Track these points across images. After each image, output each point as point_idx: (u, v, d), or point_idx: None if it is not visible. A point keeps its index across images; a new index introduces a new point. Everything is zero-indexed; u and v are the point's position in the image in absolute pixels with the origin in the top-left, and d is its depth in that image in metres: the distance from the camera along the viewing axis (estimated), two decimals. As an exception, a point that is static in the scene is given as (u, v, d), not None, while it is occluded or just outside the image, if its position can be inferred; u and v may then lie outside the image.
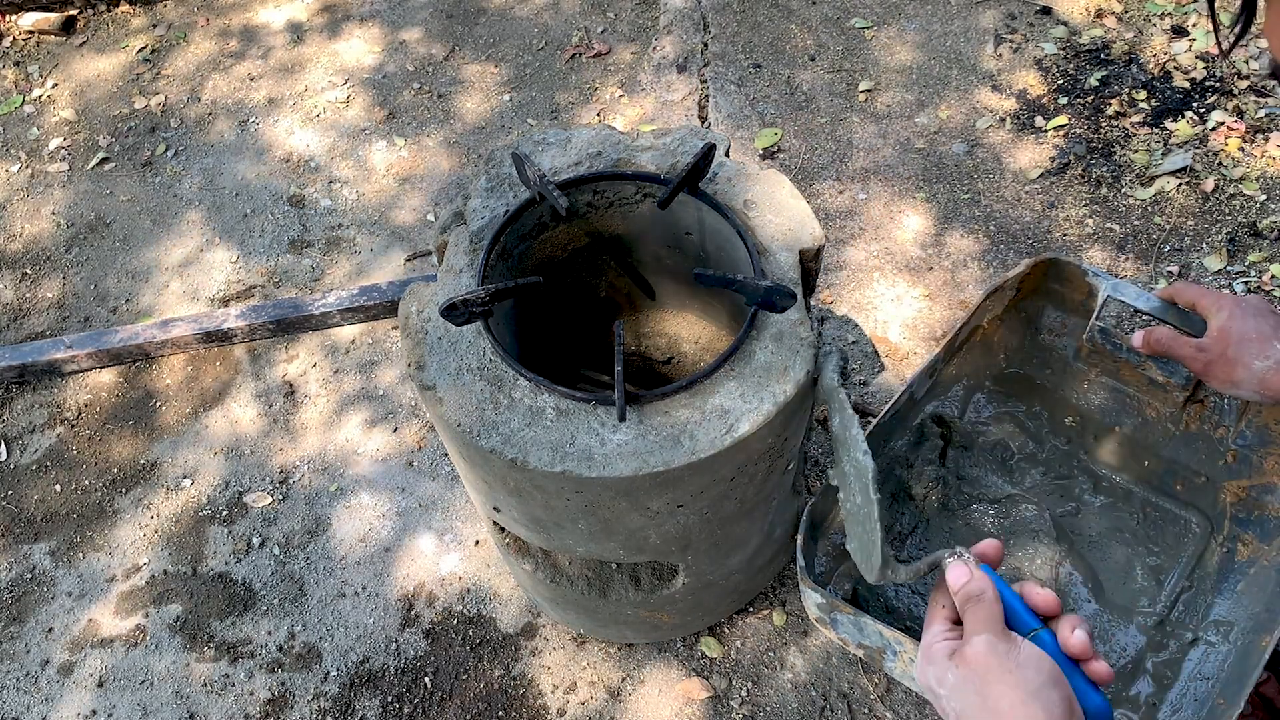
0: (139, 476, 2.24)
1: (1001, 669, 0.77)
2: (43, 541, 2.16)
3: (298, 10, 3.29)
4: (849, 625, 1.09)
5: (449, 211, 1.47)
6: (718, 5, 3.07)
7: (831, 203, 2.54)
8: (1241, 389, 1.09)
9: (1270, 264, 2.25)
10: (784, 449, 1.33)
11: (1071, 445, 1.49)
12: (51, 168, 2.91)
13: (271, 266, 2.60)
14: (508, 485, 1.26)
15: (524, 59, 3.04)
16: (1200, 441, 1.39)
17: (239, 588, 2.04)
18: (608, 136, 1.51)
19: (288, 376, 2.37)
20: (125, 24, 3.31)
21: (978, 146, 2.63)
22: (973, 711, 0.78)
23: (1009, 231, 2.43)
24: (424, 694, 1.87)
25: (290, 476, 2.19)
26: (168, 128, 2.98)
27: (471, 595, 1.98)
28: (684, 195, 1.39)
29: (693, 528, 1.34)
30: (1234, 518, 1.36)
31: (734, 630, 1.89)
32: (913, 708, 1.77)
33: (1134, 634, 1.32)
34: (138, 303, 2.57)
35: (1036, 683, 0.75)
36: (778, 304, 1.21)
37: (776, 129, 2.72)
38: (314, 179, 2.79)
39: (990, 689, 0.77)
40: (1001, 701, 0.75)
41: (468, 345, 1.29)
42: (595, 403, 1.21)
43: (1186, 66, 2.68)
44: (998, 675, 0.77)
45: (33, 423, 2.35)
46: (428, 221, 2.65)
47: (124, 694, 1.93)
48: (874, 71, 2.84)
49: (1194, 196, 2.42)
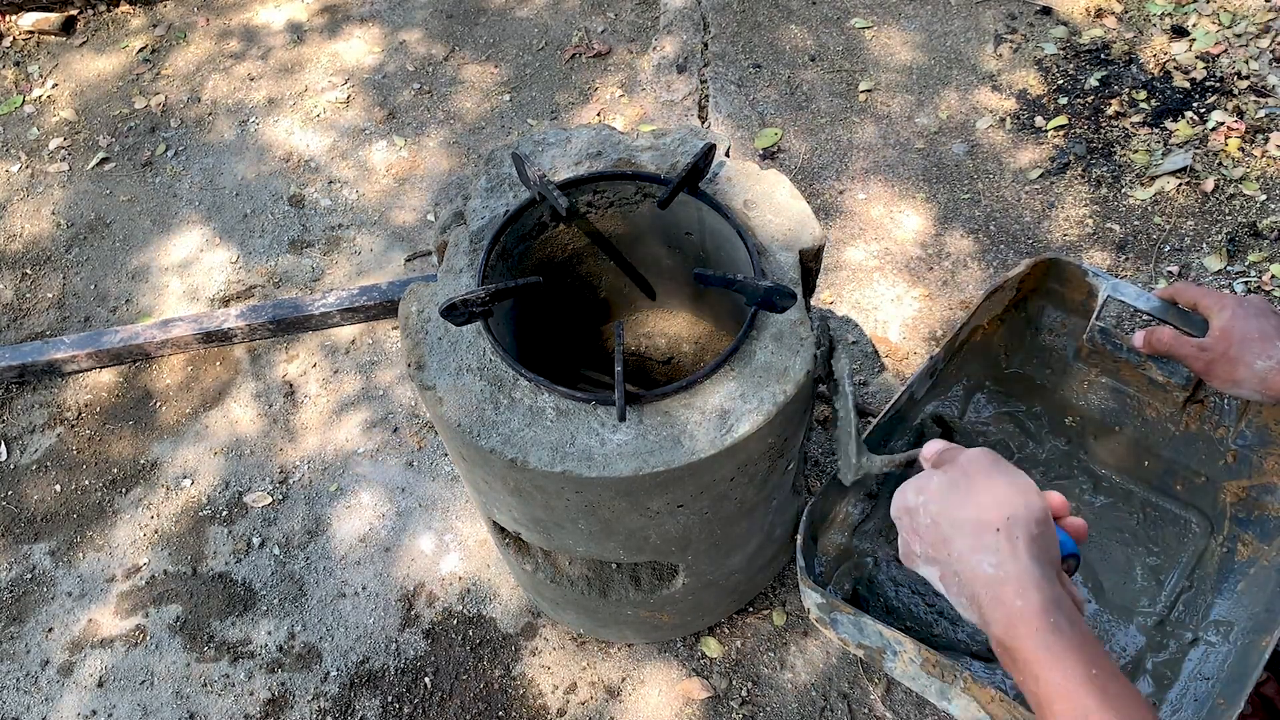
0: (139, 476, 2.24)
1: (990, 470, 0.81)
2: (43, 541, 2.16)
3: (298, 10, 3.29)
4: (849, 625, 1.09)
5: (449, 211, 1.47)
6: (718, 5, 3.07)
7: (831, 203, 2.54)
8: (1243, 388, 1.09)
9: (1270, 264, 2.25)
10: (784, 449, 1.33)
11: (1071, 445, 1.49)
12: (51, 168, 2.91)
13: (271, 267, 2.60)
14: (508, 485, 1.26)
15: (524, 59, 3.04)
16: (1200, 441, 1.39)
17: (239, 588, 2.04)
18: (608, 136, 1.51)
19: (288, 376, 2.37)
20: (125, 24, 3.31)
21: (978, 146, 2.63)
22: (951, 508, 0.80)
23: (1009, 231, 2.43)
24: (424, 694, 1.87)
25: (290, 476, 2.19)
26: (168, 128, 2.98)
27: (471, 595, 1.98)
28: (684, 195, 1.39)
29: (693, 528, 1.34)
30: (1234, 518, 1.36)
31: (734, 630, 1.89)
32: (913, 708, 1.77)
33: (1134, 634, 1.32)
34: (138, 303, 2.57)
35: (1022, 483, 0.79)
36: (778, 304, 1.21)
37: (776, 129, 2.72)
38: (314, 179, 2.79)
39: (976, 484, 0.80)
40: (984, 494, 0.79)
41: (468, 345, 1.29)
42: (595, 403, 1.21)
43: (1186, 66, 2.68)
44: (985, 475, 0.80)
45: (33, 423, 2.35)
46: (428, 221, 2.65)
47: (124, 694, 1.93)
48: (874, 71, 2.84)
49: (1194, 196, 2.42)
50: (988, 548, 0.76)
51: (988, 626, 0.76)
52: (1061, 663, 0.70)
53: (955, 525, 0.79)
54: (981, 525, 0.77)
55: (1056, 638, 0.71)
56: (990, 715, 1.05)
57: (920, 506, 0.83)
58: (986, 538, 0.77)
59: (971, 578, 0.77)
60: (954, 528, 0.79)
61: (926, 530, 0.82)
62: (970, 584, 0.77)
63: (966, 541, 0.78)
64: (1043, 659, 0.71)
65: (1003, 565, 0.75)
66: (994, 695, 1.03)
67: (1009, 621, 0.74)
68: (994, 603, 0.75)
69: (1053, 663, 0.71)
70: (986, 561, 0.76)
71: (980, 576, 0.76)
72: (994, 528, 0.77)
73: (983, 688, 1.04)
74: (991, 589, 0.75)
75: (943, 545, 0.80)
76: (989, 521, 0.77)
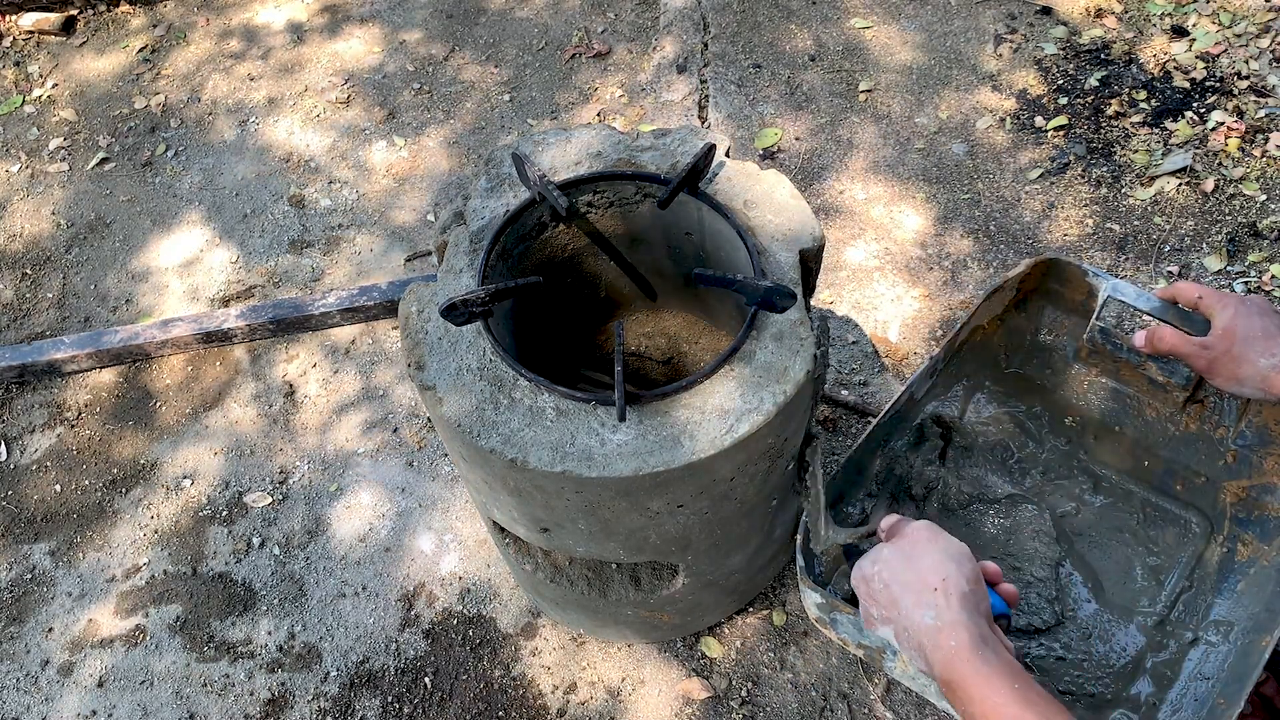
0: (139, 476, 2.24)
1: (930, 541, 0.97)
2: (43, 541, 2.16)
3: (298, 10, 3.29)
4: (849, 625, 1.09)
5: (449, 211, 1.47)
6: (718, 5, 3.07)
7: (831, 203, 2.54)
8: (1245, 386, 1.09)
9: (1270, 264, 2.25)
10: (784, 449, 1.33)
11: (1071, 445, 1.49)
12: (51, 168, 2.91)
13: (271, 267, 2.60)
14: (508, 485, 1.26)
15: (524, 59, 3.04)
16: (1200, 441, 1.39)
17: (239, 588, 2.04)
18: (608, 136, 1.51)
19: (288, 377, 2.37)
20: (125, 24, 3.31)
21: (978, 146, 2.63)
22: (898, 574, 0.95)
23: (1009, 231, 2.43)
24: (424, 694, 1.87)
25: (290, 476, 2.19)
26: (168, 128, 2.98)
27: (471, 595, 1.98)
28: (684, 195, 1.39)
29: (693, 528, 1.34)
30: (1234, 518, 1.36)
31: (734, 630, 1.89)
32: (913, 708, 1.77)
33: (1134, 634, 1.32)
34: (138, 303, 2.57)
35: (956, 550, 0.95)
36: (778, 304, 1.21)
37: (776, 129, 2.72)
38: (314, 179, 2.79)
39: (918, 551, 0.96)
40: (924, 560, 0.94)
41: (468, 345, 1.29)
42: (595, 403, 1.21)
43: (1186, 66, 2.68)
44: (925, 545, 0.96)
45: (33, 423, 2.35)
46: (428, 221, 2.65)
47: (124, 694, 1.93)
48: (874, 71, 2.84)
49: (1194, 196, 2.42)
50: (928, 604, 0.91)
51: (932, 669, 0.90)
52: (990, 683, 0.85)
53: (903, 586, 0.94)
54: (923, 585, 0.92)
55: (985, 665, 0.86)
56: (990, 715, 1.05)
57: (875, 575, 0.98)
58: (926, 595, 0.92)
59: (917, 629, 0.91)
60: (902, 589, 0.94)
61: (880, 594, 0.96)
62: (916, 634, 0.91)
63: (911, 599, 0.93)
64: (975, 682, 0.85)
65: (940, 616, 0.90)
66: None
67: (947, 660, 0.88)
68: (934, 647, 0.89)
69: (983, 683, 0.85)
70: (928, 615, 0.91)
71: (924, 627, 0.90)
72: (932, 587, 0.92)
73: (983, 688, 1.04)
74: (932, 636, 0.90)
75: (893, 606, 0.95)
76: (929, 583, 0.92)
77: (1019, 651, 1.30)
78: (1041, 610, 1.33)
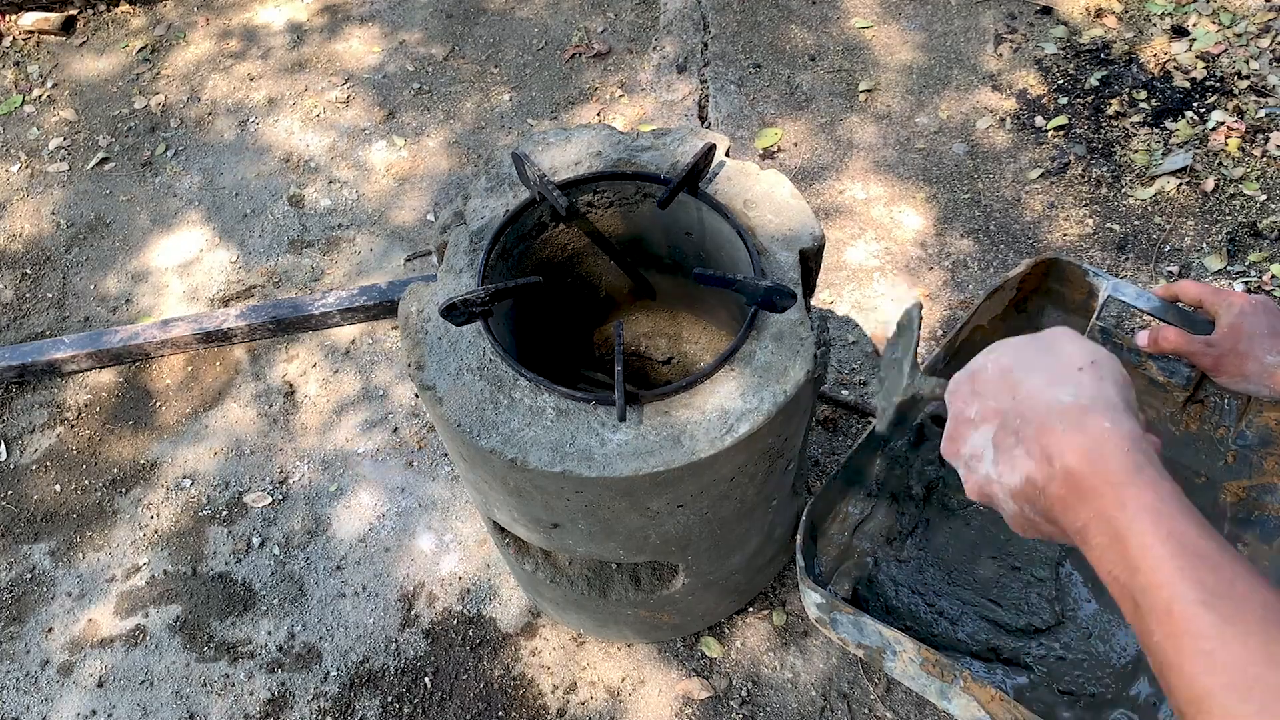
0: (139, 476, 2.24)
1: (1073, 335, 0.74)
2: (43, 541, 2.16)
3: (298, 10, 3.29)
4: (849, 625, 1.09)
5: (449, 211, 1.47)
6: (718, 5, 3.07)
7: (831, 202, 2.54)
8: (1251, 383, 1.09)
9: (1270, 264, 2.25)
10: (784, 449, 1.33)
11: (1071, 445, 1.48)
12: (51, 168, 2.91)
13: (271, 266, 2.60)
14: (507, 485, 1.26)
15: (524, 59, 3.04)
16: (1200, 441, 1.39)
17: (239, 588, 2.04)
18: (608, 136, 1.51)
19: (287, 377, 2.37)
20: (125, 24, 3.31)
21: (978, 146, 2.63)
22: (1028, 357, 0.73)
23: (1009, 231, 2.43)
24: (424, 694, 1.87)
25: (290, 476, 2.19)
26: (168, 128, 2.98)
27: (471, 595, 1.98)
28: (684, 195, 1.39)
29: (693, 528, 1.34)
30: (1234, 518, 1.36)
31: (734, 630, 1.89)
32: (913, 708, 1.77)
33: (1134, 634, 1.32)
34: (138, 303, 2.57)
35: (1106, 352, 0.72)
36: (778, 304, 1.21)
37: (776, 129, 2.72)
38: (314, 179, 2.79)
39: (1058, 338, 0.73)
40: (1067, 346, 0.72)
41: (468, 345, 1.29)
42: (595, 403, 1.21)
43: (1186, 66, 2.68)
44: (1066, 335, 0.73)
45: (33, 423, 2.35)
46: (428, 221, 2.65)
47: (124, 694, 1.93)
48: (874, 71, 2.84)
49: (1194, 196, 2.42)
50: (1068, 381, 0.69)
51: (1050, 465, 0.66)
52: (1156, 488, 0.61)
53: (1030, 368, 0.71)
54: (1063, 366, 0.70)
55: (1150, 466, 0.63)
56: (990, 714, 1.05)
57: (990, 362, 0.76)
58: (1068, 374, 0.69)
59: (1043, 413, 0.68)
60: (1028, 370, 0.71)
61: (991, 382, 0.74)
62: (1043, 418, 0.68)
63: (1041, 379, 0.70)
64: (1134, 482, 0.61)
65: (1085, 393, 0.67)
66: (994, 694, 1.03)
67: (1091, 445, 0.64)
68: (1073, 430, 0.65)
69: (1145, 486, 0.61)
70: (1065, 393, 0.68)
71: (1055, 408, 0.67)
72: (1077, 367, 0.69)
73: (982, 687, 1.04)
74: (1069, 417, 0.66)
75: (1011, 390, 0.72)
76: (1073, 363, 0.70)
77: (1018, 652, 1.30)
78: (1041, 610, 1.33)
